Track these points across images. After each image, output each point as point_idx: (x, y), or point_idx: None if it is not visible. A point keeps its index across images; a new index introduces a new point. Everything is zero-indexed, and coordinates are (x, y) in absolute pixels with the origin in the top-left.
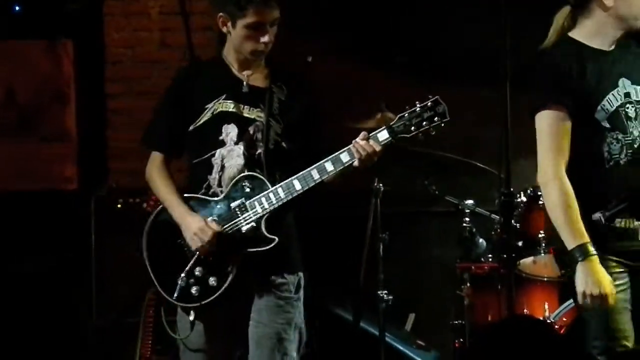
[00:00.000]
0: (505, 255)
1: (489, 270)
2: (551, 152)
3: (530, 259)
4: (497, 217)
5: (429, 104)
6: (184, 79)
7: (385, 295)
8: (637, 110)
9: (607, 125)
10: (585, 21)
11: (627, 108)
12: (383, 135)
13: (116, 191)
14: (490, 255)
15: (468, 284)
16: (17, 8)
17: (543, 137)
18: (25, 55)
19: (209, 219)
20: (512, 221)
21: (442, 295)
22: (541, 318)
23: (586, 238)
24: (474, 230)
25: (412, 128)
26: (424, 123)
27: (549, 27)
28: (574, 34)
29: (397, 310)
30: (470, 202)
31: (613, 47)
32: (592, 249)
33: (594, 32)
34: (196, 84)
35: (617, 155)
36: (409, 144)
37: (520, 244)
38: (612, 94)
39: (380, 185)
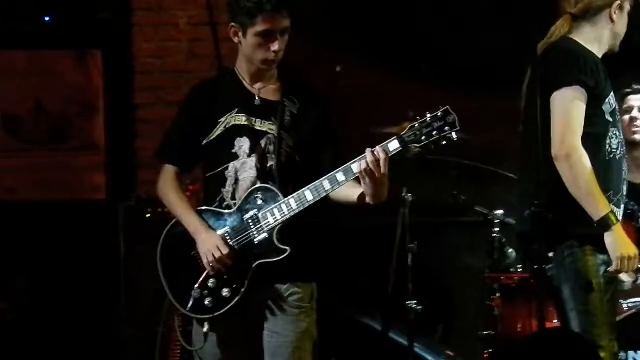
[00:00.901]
0: (535, 266)
1: (518, 281)
2: (573, 126)
3: None
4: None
5: (439, 114)
6: (198, 94)
7: (414, 306)
8: None
9: (610, 120)
10: (586, 28)
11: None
12: (394, 145)
13: (145, 201)
14: (520, 266)
15: (498, 295)
16: (46, 19)
17: (566, 112)
18: (54, 65)
19: (221, 231)
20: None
21: (471, 305)
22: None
23: (610, 206)
24: (504, 240)
25: (423, 138)
26: (434, 133)
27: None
28: (574, 37)
29: (426, 320)
30: (499, 212)
31: None
32: (617, 216)
33: (592, 40)
34: (210, 98)
35: (615, 150)
36: (439, 155)
37: (550, 254)
38: (612, 95)
39: (409, 195)
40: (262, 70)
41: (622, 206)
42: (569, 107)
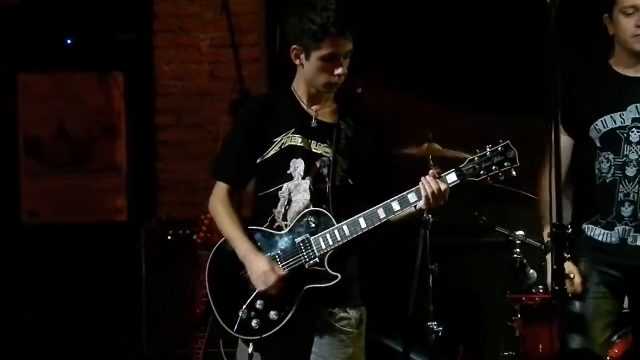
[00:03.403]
0: (557, 287)
1: (540, 302)
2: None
3: None
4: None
5: (500, 148)
6: (253, 110)
7: (435, 327)
8: None
9: (599, 145)
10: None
11: (632, 131)
12: (451, 177)
13: (166, 223)
14: (541, 287)
15: (519, 315)
16: (69, 41)
17: None
18: (76, 88)
19: (272, 253)
20: (564, 252)
21: (492, 326)
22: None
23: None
24: (525, 261)
25: (482, 172)
26: (494, 167)
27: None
28: (611, 59)
29: (447, 341)
30: (520, 232)
31: None
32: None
33: (617, 57)
34: (266, 116)
35: (605, 174)
36: None
37: (572, 275)
38: (611, 116)
39: (430, 216)
40: (322, 92)
41: (623, 226)
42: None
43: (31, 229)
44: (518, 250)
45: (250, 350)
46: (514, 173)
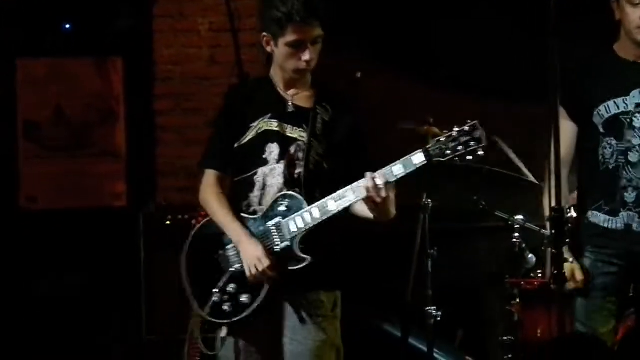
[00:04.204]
0: (555, 271)
1: (538, 286)
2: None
3: None
4: (547, 232)
5: (467, 128)
6: (234, 97)
7: (433, 311)
8: None
9: (602, 131)
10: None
11: (635, 117)
12: (419, 158)
13: (165, 208)
14: (540, 271)
15: (518, 300)
16: (67, 26)
17: None
18: (75, 73)
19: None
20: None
21: (491, 311)
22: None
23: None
24: (524, 245)
25: (448, 152)
26: (460, 148)
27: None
28: (616, 44)
29: (446, 326)
30: (520, 217)
31: None
32: None
33: (621, 43)
34: (245, 103)
35: (608, 160)
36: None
37: (571, 259)
38: (614, 102)
39: (429, 200)
40: (295, 78)
41: (627, 213)
42: None
43: (30, 214)
44: (517, 234)
45: (223, 334)
46: (480, 153)
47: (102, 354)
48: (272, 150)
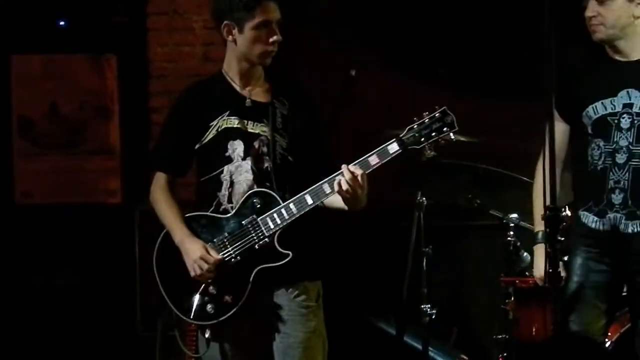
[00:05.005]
0: (550, 270)
1: (533, 285)
2: None
3: None
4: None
5: (437, 114)
6: (187, 97)
7: (428, 309)
8: (635, 121)
9: (590, 132)
10: None
11: (622, 117)
12: (394, 147)
13: None
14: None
15: (512, 298)
16: (62, 23)
17: None
18: (69, 69)
19: (219, 237)
20: (558, 235)
21: (486, 309)
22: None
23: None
24: (518, 244)
25: (422, 139)
26: (433, 134)
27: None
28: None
29: (441, 324)
30: (514, 215)
31: (636, 58)
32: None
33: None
34: (200, 102)
35: (596, 161)
36: (454, 158)
37: (565, 258)
38: (602, 102)
39: (424, 199)
40: (254, 69)
41: (614, 214)
42: None
43: (25, 210)
44: (512, 233)
45: (207, 335)
46: (452, 136)
47: (97, 350)
48: (236, 147)
